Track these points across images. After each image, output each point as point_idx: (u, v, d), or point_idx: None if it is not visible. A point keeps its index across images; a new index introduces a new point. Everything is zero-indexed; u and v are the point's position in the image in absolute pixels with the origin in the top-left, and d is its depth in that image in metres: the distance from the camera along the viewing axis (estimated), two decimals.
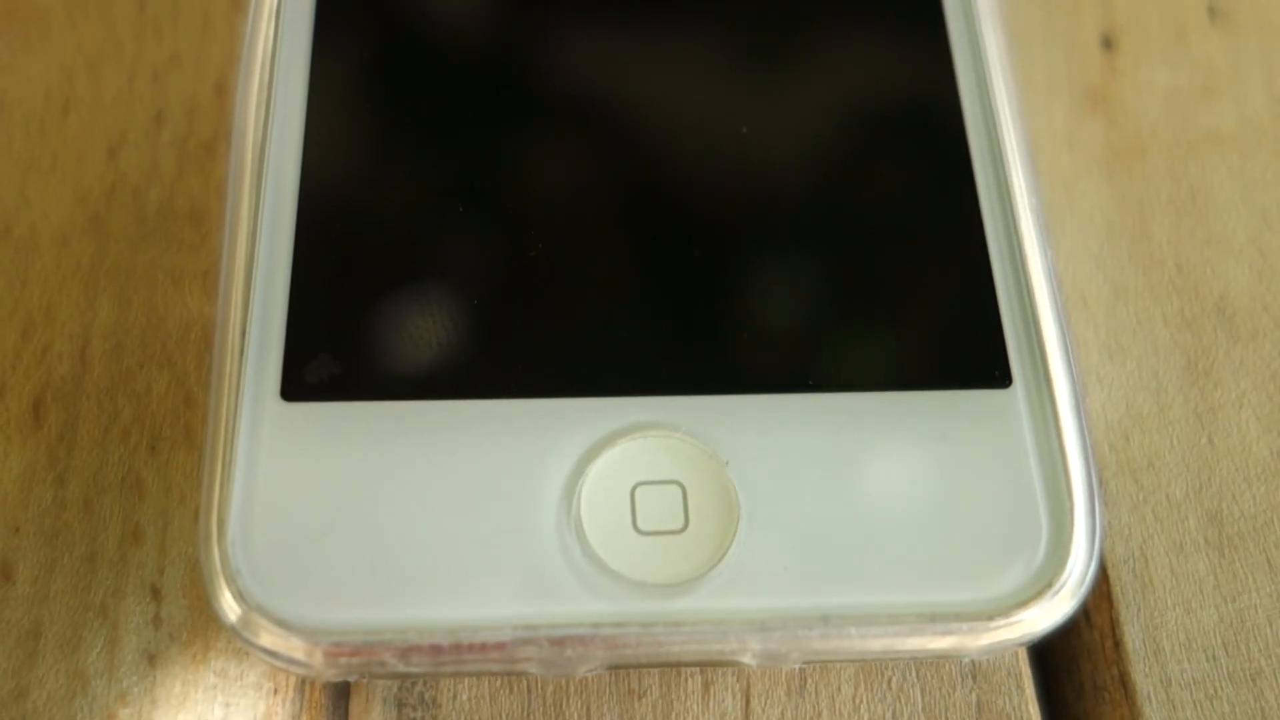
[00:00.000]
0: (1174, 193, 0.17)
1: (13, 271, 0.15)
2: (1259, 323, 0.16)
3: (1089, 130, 0.17)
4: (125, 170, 0.16)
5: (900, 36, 0.16)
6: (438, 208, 0.15)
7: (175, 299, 0.16)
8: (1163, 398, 0.15)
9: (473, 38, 0.16)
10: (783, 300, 0.14)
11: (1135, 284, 0.16)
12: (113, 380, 0.15)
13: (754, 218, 0.15)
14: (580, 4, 0.16)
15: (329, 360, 0.13)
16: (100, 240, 0.16)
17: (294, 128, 0.15)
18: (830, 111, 0.16)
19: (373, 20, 0.16)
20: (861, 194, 0.15)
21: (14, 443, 0.14)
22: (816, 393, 0.14)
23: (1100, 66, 0.18)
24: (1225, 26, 0.18)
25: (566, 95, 0.16)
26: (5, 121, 0.17)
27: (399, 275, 0.14)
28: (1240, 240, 0.16)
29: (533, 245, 0.14)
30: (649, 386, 0.14)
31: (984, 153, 0.15)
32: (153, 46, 0.17)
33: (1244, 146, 0.17)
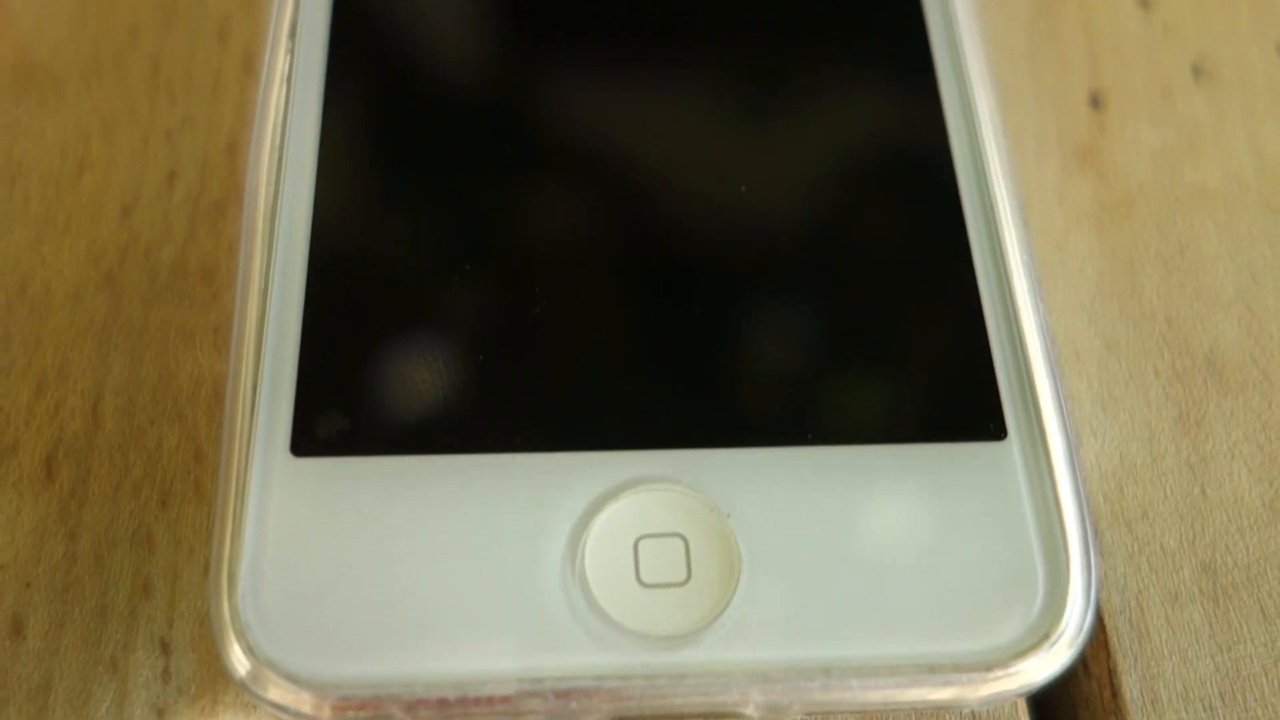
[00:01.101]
0: (1163, 248, 0.17)
1: (27, 329, 0.16)
2: (1248, 375, 0.16)
3: (1079, 186, 0.18)
4: (138, 229, 0.17)
5: (894, 98, 0.17)
6: (444, 267, 0.15)
7: (186, 355, 0.16)
8: (1155, 449, 0.16)
9: (479, 102, 0.16)
10: (782, 355, 0.15)
11: (1126, 337, 0.16)
12: (124, 436, 0.15)
13: (753, 274, 0.15)
14: (586, 69, 0.17)
15: (338, 416, 0.14)
16: (113, 297, 0.16)
17: (304, 188, 0.15)
18: (827, 171, 0.16)
19: (382, 85, 0.16)
20: (858, 251, 0.15)
21: (26, 498, 0.15)
22: (816, 446, 0.14)
23: (1089, 125, 0.18)
24: (1209, 86, 0.19)
25: (569, 156, 0.16)
26: (22, 182, 0.17)
27: (406, 332, 0.14)
28: (1228, 295, 0.17)
29: (537, 302, 0.15)
30: (651, 441, 0.14)
31: (976, 210, 0.15)
32: (166, 108, 0.18)
33: (1230, 202, 0.18)
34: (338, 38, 0.16)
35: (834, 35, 0.17)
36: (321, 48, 0.16)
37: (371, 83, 0.16)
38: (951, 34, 0.17)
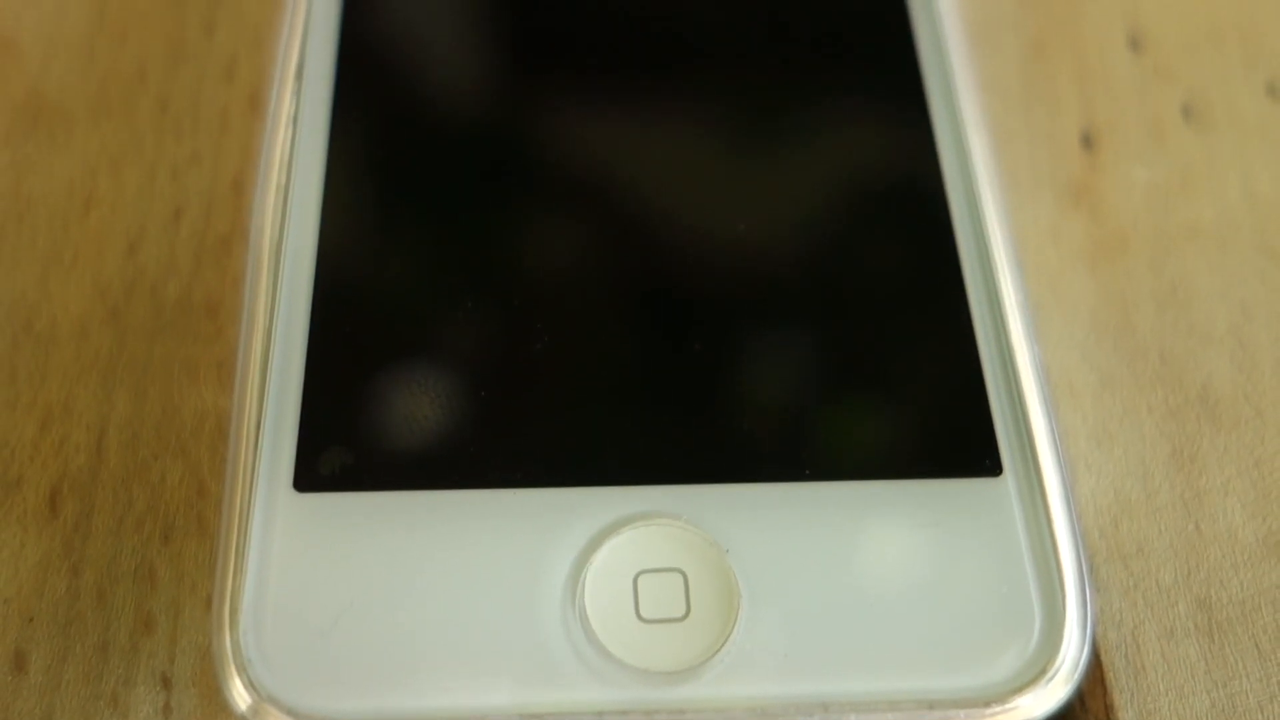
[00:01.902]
0: (1155, 286, 0.17)
1: (33, 364, 0.16)
2: (1241, 411, 0.16)
3: (1072, 225, 0.18)
4: (144, 265, 0.17)
5: (889, 138, 0.17)
6: (446, 304, 0.15)
7: (190, 390, 0.16)
8: (1150, 485, 0.16)
9: (482, 142, 0.17)
10: (779, 392, 0.15)
11: (1121, 374, 0.17)
12: (128, 471, 0.15)
13: (751, 310, 0.15)
14: (586, 110, 0.17)
15: (341, 452, 0.14)
16: (118, 333, 0.16)
17: (310, 225, 0.16)
18: (824, 210, 0.16)
19: (387, 125, 0.17)
20: (854, 288, 0.16)
21: (30, 533, 0.15)
22: (813, 482, 0.14)
23: (1081, 164, 0.19)
24: (1200, 125, 0.19)
25: (568, 195, 0.16)
26: (30, 218, 0.17)
27: (409, 368, 0.15)
28: (1221, 331, 0.17)
29: (538, 338, 0.15)
30: (651, 476, 0.14)
31: (971, 249, 0.16)
32: (173, 145, 0.18)
33: (1222, 240, 0.18)
34: (343, 79, 0.17)
35: (830, 76, 0.18)
36: (327, 89, 0.17)
37: (376, 123, 0.17)
38: (945, 76, 0.17)
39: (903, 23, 0.18)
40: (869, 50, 0.18)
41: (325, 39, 0.17)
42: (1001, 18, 0.20)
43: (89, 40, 0.19)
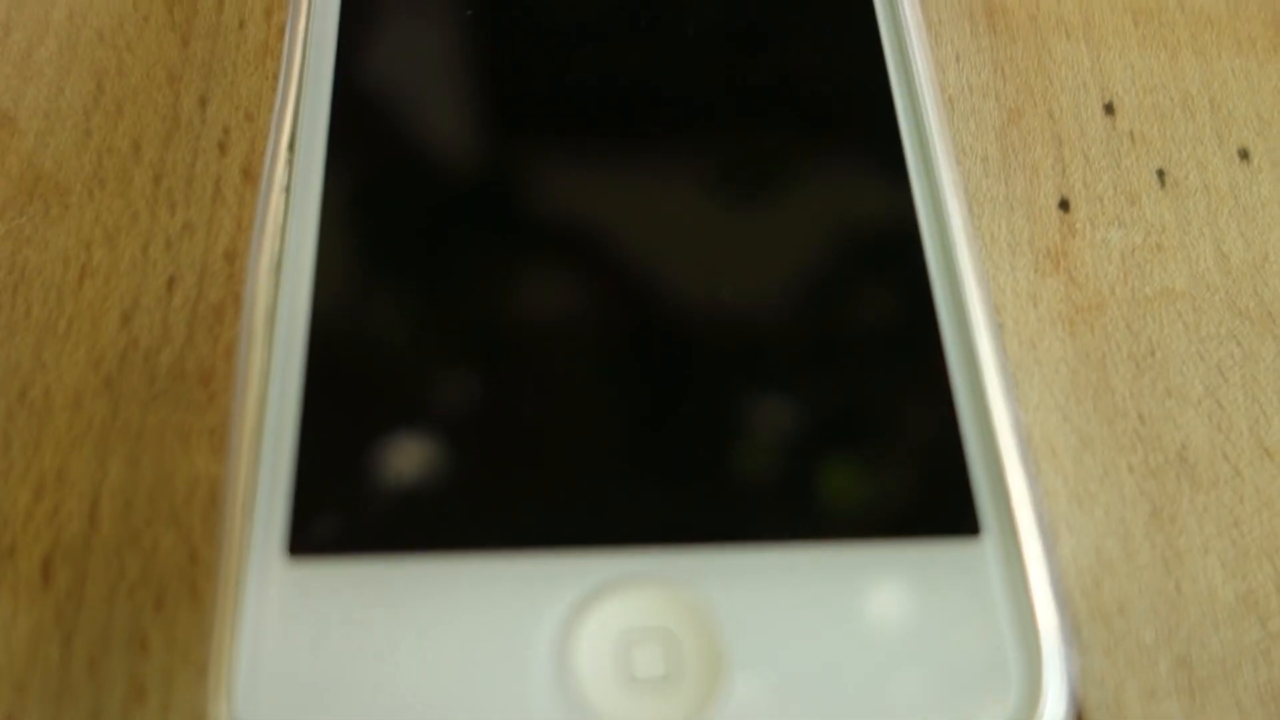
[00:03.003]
0: (1133, 347, 0.18)
1: (27, 434, 0.16)
2: (1219, 471, 0.17)
3: (1050, 287, 0.18)
4: (138, 334, 0.17)
5: (869, 206, 0.17)
6: (437, 370, 0.15)
7: (183, 457, 0.16)
8: (1130, 544, 0.16)
9: (473, 213, 0.17)
10: (762, 455, 0.15)
11: (1100, 434, 0.17)
12: (120, 539, 0.15)
13: (734, 376, 0.15)
14: (579, 181, 0.17)
15: (335, 518, 0.14)
16: (112, 402, 0.17)
17: (303, 293, 0.16)
18: (803, 276, 0.17)
19: (379, 195, 0.17)
20: (836, 353, 0.16)
21: (23, 602, 0.15)
22: (796, 543, 0.14)
23: (1059, 228, 0.19)
24: (1174, 190, 0.19)
25: (557, 263, 0.17)
26: (24, 290, 0.17)
27: (400, 435, 0.15)
28: (1198, 392, 0.17)
29: (528, 404, 0.15)
30: (640, 539, 0.14)
31: (950, 313, 0.16)
32: (166, 216, 0.18)
33: (1197, 302, 0.18)
34: (335, 150, 0.17)
35: (810, 144, 0.18)
36: (320, 160, 0.17)
37: (368, 193, 0.17)
38: (924, 143, 0.18)
39: (883, 91, 0.18)
40: (849, 118, 0.18)
41: (318, 111, 0.18)
42: (979, 86, 0.20)
43: (85, 115, 0.19)
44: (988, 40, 0.21)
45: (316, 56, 0.18)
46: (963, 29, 0.21)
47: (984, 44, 0.21)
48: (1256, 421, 0.17)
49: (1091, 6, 0.22)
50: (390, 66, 0.18)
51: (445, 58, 0.19)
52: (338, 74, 0.18)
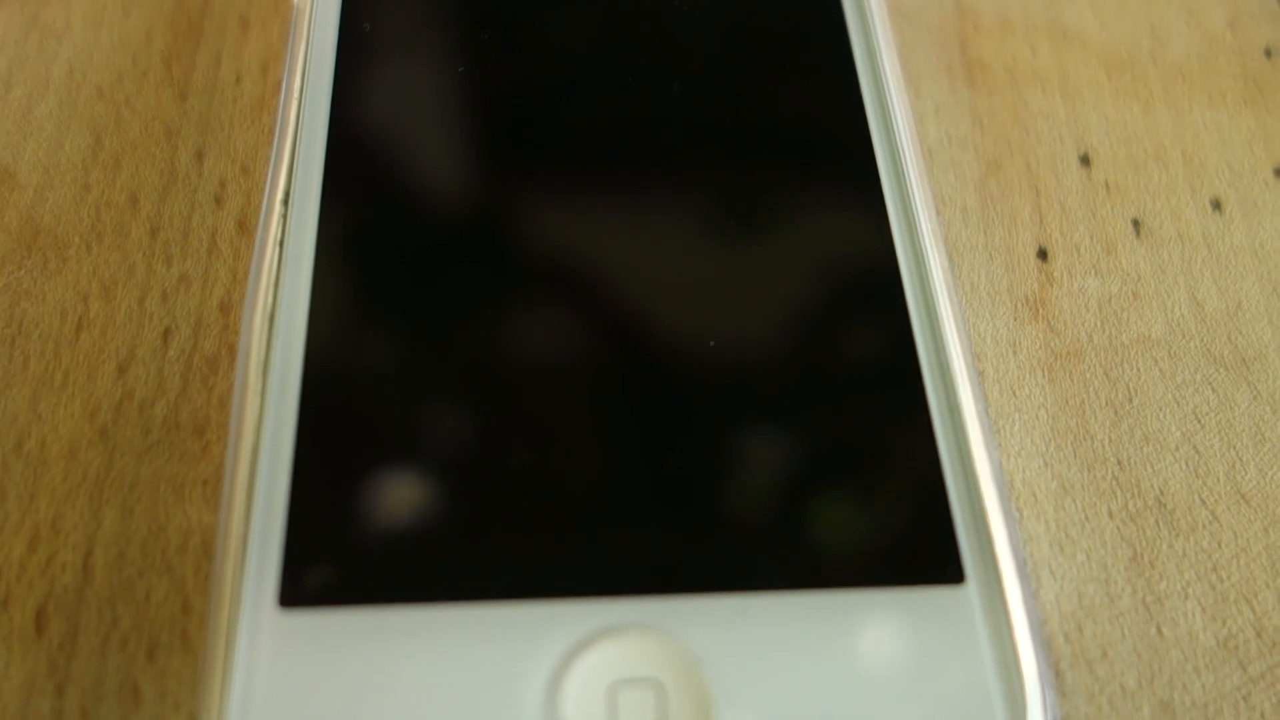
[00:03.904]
0: (1111, 394, 0.18)
1: (22, 485, 0.16)
2: (1197, 516, 0.17)
3: (1030, 335, 0.19)
4: (133, 385, 0.17)
5: (851, 256, 0.18)
6: (429, 422, 0.16)
7: (176, 508, 0.16)
8: (1112, 589, 0.16)
9: (466, 269, 0.17)
10: (748, 504, 0.15)
11: (1080, 480, 0.17)
12: (113, 589, 0.16)
13: (719, 425, 0.16)
14: (573, 235, 0.18)
15: (327, 569, 0.14)
16: (107, 452, 0.17)
17: (296, 345, 0.16)
18: (788, 326, 0.17)
19: (373, 248, 0.17)
20: (819, 402, 0.16)
21: (15, 653, 0.15)
22: (784, 591, 0.14)
23: (1038, 277, 0.19)
24: (1149, 239, 0.20)
25: (546, 319, 0.17)
26: (22, 342, 0.18)
27: (392, 486, 0.15)
28: (1175, 438, 0.18)
29: (517, 456, 0.15)
30: (628, 588, 0.14)
31: (932, 362, 0.16)
32: (162, 269, 0.19)
33: (1173, 349, 0.19)
34: (329, 204, 0.17)
35: (792, 196, 0.19)
36: (314, 213, 0.17)
37: (361, 246, 0.17)
38: (905, 194, 0.18)
39: (864, 143, 0.19)
40: (832, 170, 0.19)
41: (312, 166, 0.18)
42: (958, 138, 0.21)
43: (84, 170, 0.19)
44: (966, 93, 0.22)
45: (311, 112, 0.19)
46: (942, 82, 0.22)
47: (963, 97, 0.22)
48: (1232, 467, 0.17)
49: (1066, 61, 0.22)
50: (383, 122, 0.19)
51: (437, 114, 0.19)
52: (332, 129, 0.18)
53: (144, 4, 0.22)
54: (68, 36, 0.21)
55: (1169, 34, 0.23)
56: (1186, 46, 0.22)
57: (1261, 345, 0.19)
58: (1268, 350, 0.19)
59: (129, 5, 0.22)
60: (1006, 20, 0.23)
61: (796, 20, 0.21)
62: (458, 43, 0.20)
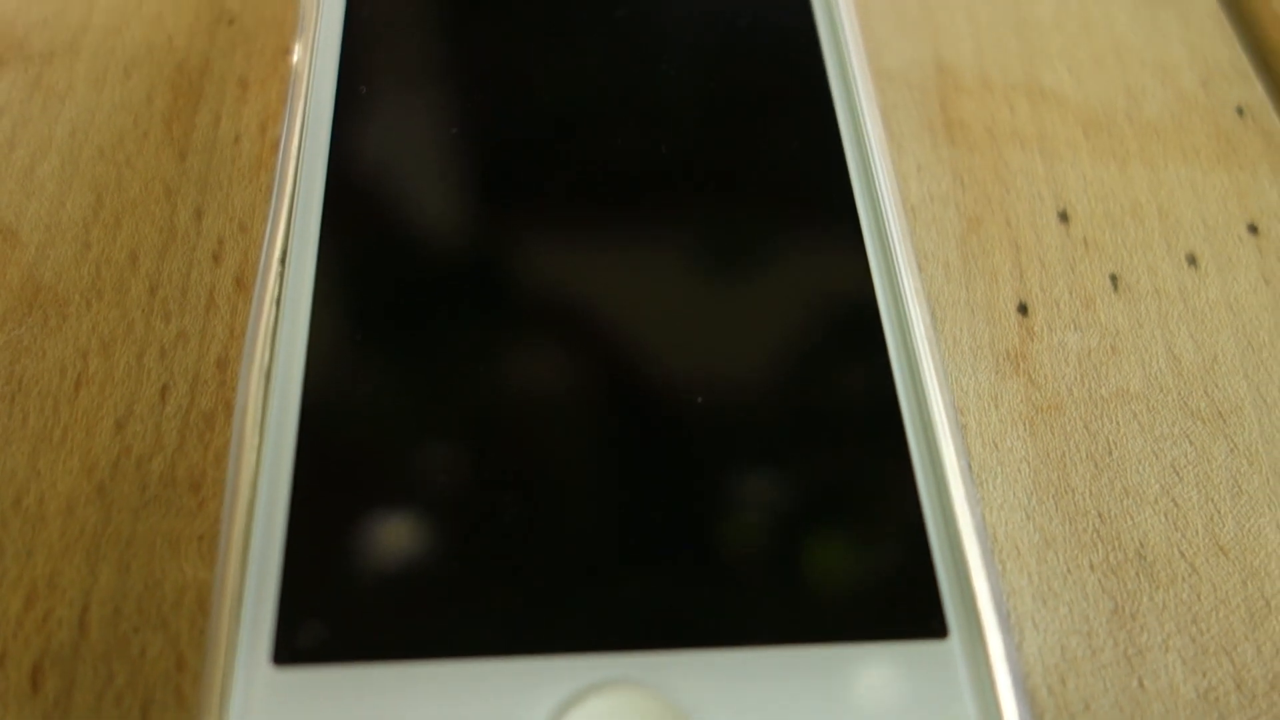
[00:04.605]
0: (1091, 447, 0.18)
1: (20, 542, 0.17)
2: (1177, 568, 0.17)
3: (1011, 389, 0.19)
4: (130, 441, 0.18)
5: (834, 312, 0.18)
6: (425, 480, 0.16)
7: (172, 563, 0.17)
8: (1094, 641, 0.16)
9: (460, 328, 0.18)
10: (737, 561, 0.15)
11: (1062, 533, 0.18)
12: (109, 645, 0.16)
13: (710, 484, 0.16)
14: (567, 295, 0.18)
15: (321, 626, 0.14)
16: (104, 508, 0.17)
17: (292, 402, 0.16)
18: (772, 381, 0.17)
19: (368, 308, 0.18)
20: (803, 458, 0.16)
21: (10, 711, 0.15)
22: (768, 646, 0.15)
23: (1019, 331, 0.20)
24: (1127, 294, 0.20)
25: (538, 378, 0.17)
26: (21, 399, 0.18)
27: (388, 543, 0.15)
28: (1154, 491, 0.18)
29: (509, 512, 0.16)
30: (618, 644, 0.15)
31: (915, 419, 0.17)
32: (161, 326, 0.19)
33: (1151, 403, 0.19)
34: (325, 263, 0.18)
35: (775, 253, 0.19)
36: (310, 272, 0.18)
37: (357, 305, 0.18)
38: (887, 250, 0.19)
39: (848, 202, 0.19)
40: (816, 228, 0.19)
41: (309, 225, 0.18)
42: (939, 195, 0.21)
43: (85, 228, 0.20)
44: (947, 151, 0.22)
45: (309, 171, 0.19)
46: (924, 141, 0.22)
47: (944, 155, 0.22)
48: (1211, 519, 0.18)
49: (1045, 120, 0.23)
50: (379, 182, 0.19)
51: (432, 174, 0.19)
52: (329, 188, 0.19)
53: (145, 65, 0.22)
54: (70, 97, 0.22)
55: (1143, 93, 0.23)
56: (1161, 105, 0.23)
57: (1237, 399, 0.19)
58: (1243, 404, 0.19)
59: (130, 67, 0.22)
60: (986, 80, 0.23)
61: (781, 80, 0.21)
62: (452, 104, 0.20)
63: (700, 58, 0.22)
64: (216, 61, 0.23)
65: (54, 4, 0.23)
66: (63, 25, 0.23)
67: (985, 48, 0.24)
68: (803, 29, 0.22)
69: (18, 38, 0.23)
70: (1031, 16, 0.25)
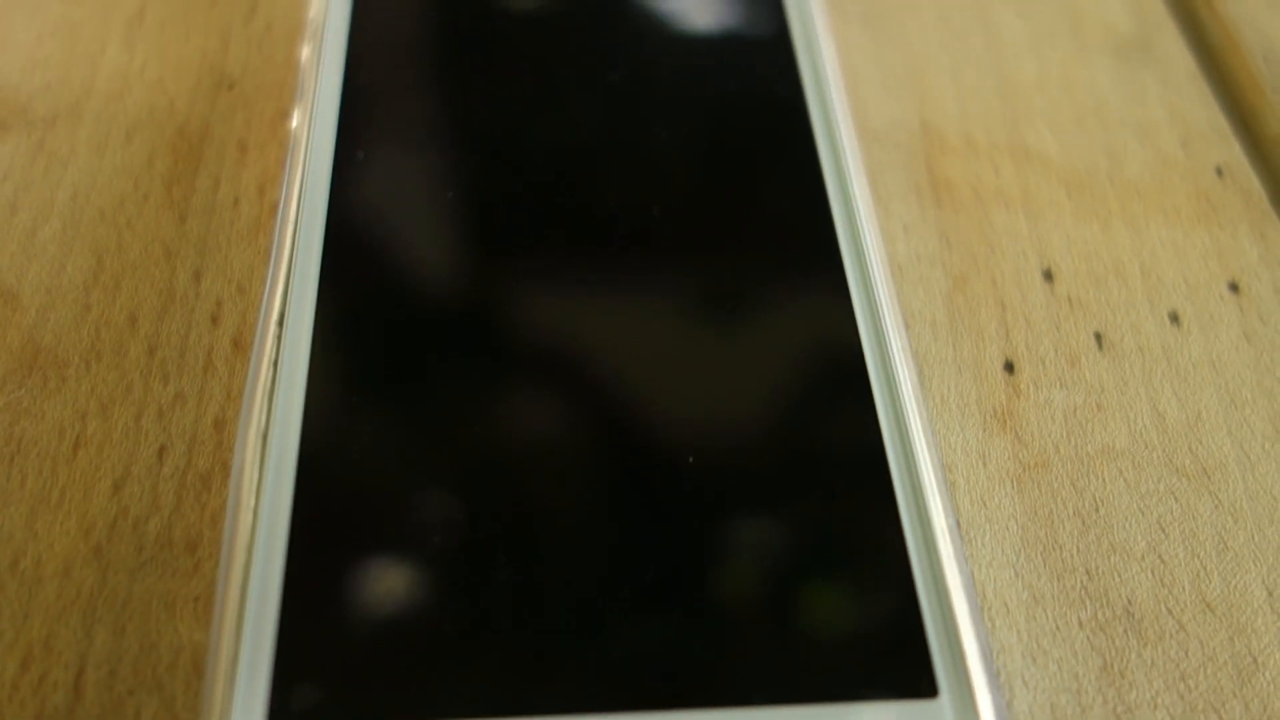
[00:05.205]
0: (1078, 504, 0.19)
1: (16, 604, 0.17)
2: (1164, 625, 0.17)
3: (998, 446, 0.19)
4: (128, 503, 0.18)
5: (823, 373, 0.18)
6: (420, 545, 0.16)
7: (167, 625, 0.17)
8: (1084, 699, 0.17)
9: (454, 390, 0.18)
10: (728, 624, 0.16)
11: (1051, 590, 0.18)
12: (103, 708, 0.16)
13: (700, 546, 0.16)
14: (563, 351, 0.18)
15: (316, 689, 0.15)
16: (100, 570, 0.17)
17: (288, 463, 0.17)
18: (763, 445, 0.18)
19: (364, 371, 0.18)
20: (794, 522, 0.17)
21: None
22: (761, 707, 0.15)
23: (1005, 389, 0.20)
24: (1111, 352, 0.21)
25: (534, 441, 0.18)
26: (20, 460, 0.18)
27: (383, 607, 0.15)
28: (1141, 548, 0.18)
29: (506, 579, 0.16)
30: (611, 705, 0.15)
31: (903, 476, 0.17)
32: (159, 387, 0.19)
33: (1136, 460, 0.19)
34: (322, 325, 0.18)
35: (766, 312, 0.19)
36: (307, 334, 0.18)
37: (353, 367, 0.18)
38: (875, 310, 0.19)
39: (835, 262, 0.20)
40: (804, 287, 0.20)
41: (306, 288, 0.19)
42: (926, 255, 0.22)
43: (85, 290, 0.20)
44: (934, 212, 0.23)
45: (307, 234, 0.19)
46: (910, 201, 0.23)
47: (930, 215, 0.23)
48: (1197, 576, 0.18)
49: (1029, 180, 0.23)
50: (377, 245, 0.20)
51: (428, 238, 0.20)
52: (326, 251, 0.19)
53: (147, 129, 0.23)
54: (73, 161, 0.22)
55: (1125, 154, 0.24)
56: (1141, 166, 0.24)
57: (1221, 455, 0.19)
58: (1227, 460, 0.19)
59: (132, 131, 0.23)
60: (971, 142, 0.24)
61: (769, 142, 0.22)
62: (447, 168, 0.21)
63: (691, 120, 0.22)
64: (217, 126, 0.23)
65: (58, 70, 0.24)
66: (66, 90, 0.23)
67: (970, 109, 0.24)
68: (790, 91, 0.22)
69: (21, 103, 0.23)
70: (1014, 78, 0.25)
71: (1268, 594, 0.18)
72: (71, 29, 0.25)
